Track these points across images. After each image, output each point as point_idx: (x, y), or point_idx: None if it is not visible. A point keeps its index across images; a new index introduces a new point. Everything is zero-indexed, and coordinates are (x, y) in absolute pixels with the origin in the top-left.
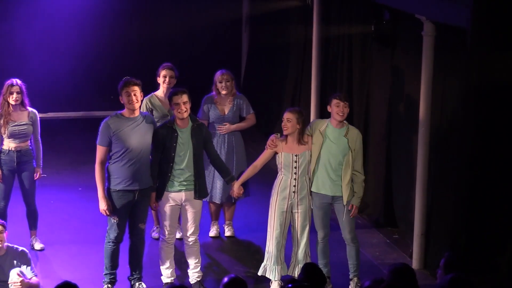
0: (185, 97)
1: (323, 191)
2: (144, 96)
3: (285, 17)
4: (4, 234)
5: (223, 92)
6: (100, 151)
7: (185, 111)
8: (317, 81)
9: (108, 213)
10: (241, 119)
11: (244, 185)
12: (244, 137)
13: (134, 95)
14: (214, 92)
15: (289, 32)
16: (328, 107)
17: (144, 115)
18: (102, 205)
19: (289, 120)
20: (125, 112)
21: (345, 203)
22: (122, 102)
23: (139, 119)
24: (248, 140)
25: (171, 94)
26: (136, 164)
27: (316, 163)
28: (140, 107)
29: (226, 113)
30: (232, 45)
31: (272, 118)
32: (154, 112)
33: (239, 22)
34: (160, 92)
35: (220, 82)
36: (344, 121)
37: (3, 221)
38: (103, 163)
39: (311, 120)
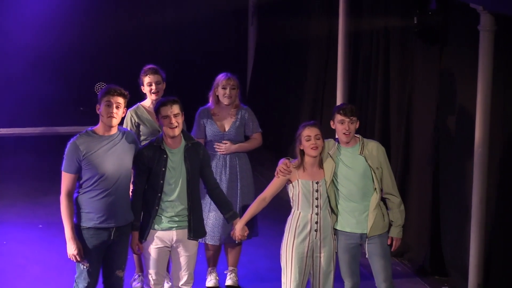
0: (176, 108)
1: (348, 228)
2: (127, 109)
3: (303, 7)
4: None
5: (225, 102)
6: (66, 179)
7: (176, 126)
8: (344, 87)
9: (78, 259)
10: (246, 138)
11: (251, 222)
12: (254, 161)
13: (117, 107)
14: (210, 103)
15: (308, 25)
16: (331, 123)
17: (123, 132)
18: (71, 249)
19: (317, 136)
20: (98, 128)
21: (369, 234)
22: (98, 112)
23: (116, 138)
24: (254, 164)
25: (158, 104)
26: (112, 195)
27: (334, 193)
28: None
29: (226, 129)
30: (236, 42)
31: (286, 135)
32: (141, 127)
33: (244, 13)
34: (148, 102)
35: (224, 88)
36: (356, 136)
37: None
38: (71, 194)
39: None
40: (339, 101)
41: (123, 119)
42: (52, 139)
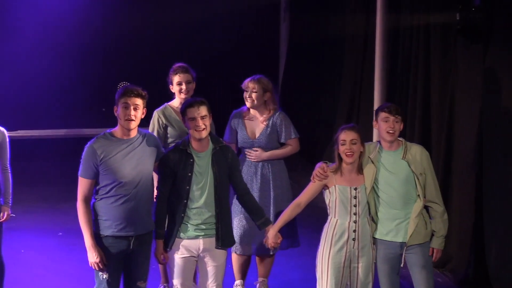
0: (203, 110)
1: (388, 237)
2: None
3: (338, 2)
4: None
5: (248, 105)
6: (83, 184)
7: (204, 129)
8: (382, 87)
9: (101, 266)
10: (281, 144)
11: (292, 230)
12: (286, 165)
13: (135, 109)
14: (246, 106)
15: (344, 22)
16: (374, 123)
17: (144, 135)
18: (92, 257)
19: (354, 141)
20: (117, 131)
21: (408, 242)
22: (116, 115)
23: (136, 141)
24: (289, 170)
25: (185, 105)
26: (131, 201)
27: (374, 200)
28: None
29: (256, 136)
30: (268, 39)
31: (320, 138)
32: (169, 128)
33: (276, 9)
34: (177, 103)
35: (246, 91)
36: (399, 139)
37: None
38: (87, 200)
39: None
40: (376, 103)
41: (145, 120)
42: (73, 141)
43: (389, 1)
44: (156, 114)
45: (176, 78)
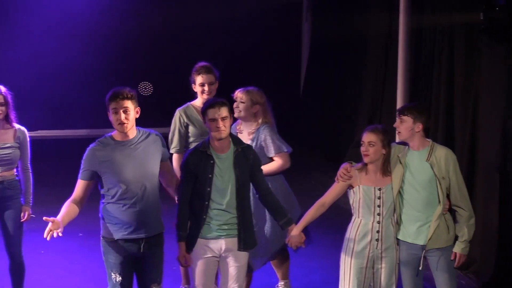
0: (224, 111)
1: (410, 239)
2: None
3: (361, 2)
4: None
5: (235, 114)
6: (77, 185)
7: (224, 130)
8: (405, 87)
9: (50, 230)
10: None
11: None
12: (305, 166)
13: (125, 112)
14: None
15: (367, 21)
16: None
17: (147, 134)
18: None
19: (371, 143)
20: (116, 134)
21: (428, 246)
22: (110, 120)
23: (136, 142)
24: (312, 170)
25: (206, 106)
26: (137, 203)
27: (399, 201)
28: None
29: None
30: (290, 39)
31: (343, 138)
32: (190, 127)
33: (299, 9)
34: (199, 102)
35: (235, 101)
36: (427, 139)
37: None
38: (76, 201)
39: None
40: (399, 103)
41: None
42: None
43: (413, 1)
44: (178, 112)
45: (198, 79)
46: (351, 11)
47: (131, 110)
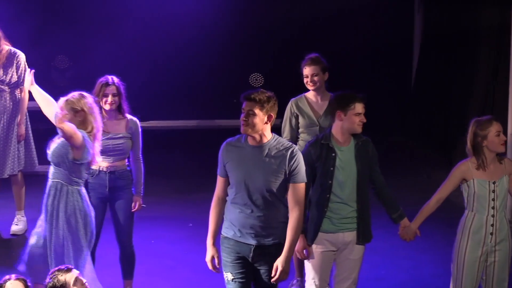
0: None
1: None
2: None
3: None
4: None
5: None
6: (217, 182)
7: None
8: None
9: (210, 266)
10: None
11: None
12: (417, 162)
13: (248, 114)
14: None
15: (480, 13)
16: None
17: (282, 144)
18: (207, 255)
19: (498, 133)
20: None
21: None
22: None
23: (265, 148)
24: (420, 165)
25: (354, 99)
26: (248, 207)
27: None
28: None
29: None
30: (401, 31)
31: (452, 132)
32: (299, 118)
33: (410, 0)
34: (311, 94)
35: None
36: None
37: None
38: (218, 199)
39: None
40: None
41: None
42: (205, 132)
43: None
44: (290, 103)
45: (304, 71)
46: (464, 2)
47: (256, 112)
